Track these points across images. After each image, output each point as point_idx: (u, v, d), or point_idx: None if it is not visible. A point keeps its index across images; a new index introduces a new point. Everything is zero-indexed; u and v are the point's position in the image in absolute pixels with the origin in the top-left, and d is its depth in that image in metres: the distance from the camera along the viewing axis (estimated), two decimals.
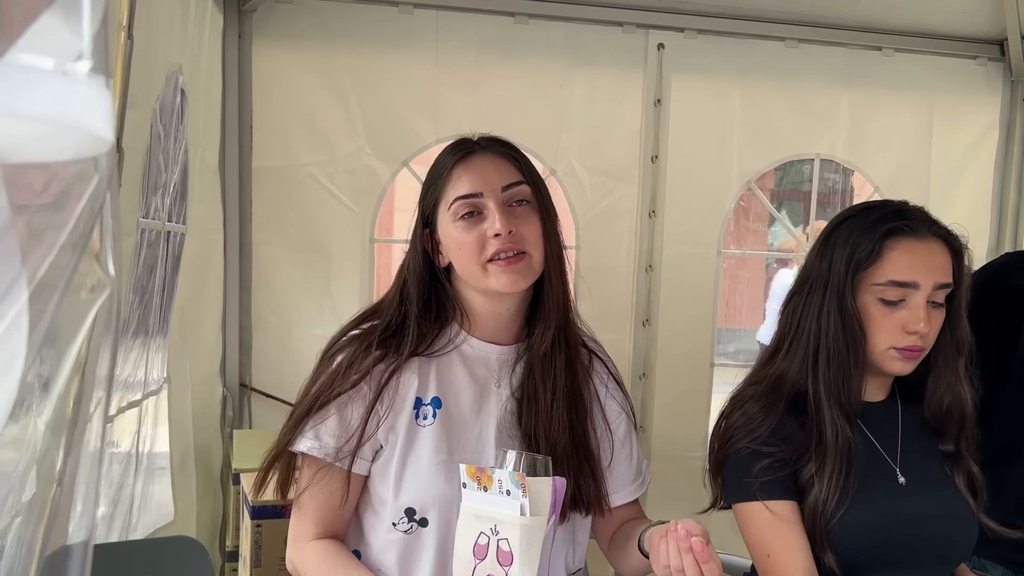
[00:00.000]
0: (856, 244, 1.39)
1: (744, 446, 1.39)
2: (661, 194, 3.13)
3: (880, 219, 1.40)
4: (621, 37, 3.07)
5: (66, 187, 0.30)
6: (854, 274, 1.38)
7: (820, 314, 1.40)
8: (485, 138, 1.41)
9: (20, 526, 0.43)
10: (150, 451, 2.42)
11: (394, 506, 1.32)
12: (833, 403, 1.38)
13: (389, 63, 2.94)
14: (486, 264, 1.31)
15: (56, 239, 0.30)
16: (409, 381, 1.35)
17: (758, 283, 11.97)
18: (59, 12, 0.29)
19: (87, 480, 0.39)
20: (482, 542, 1.10)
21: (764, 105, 3.19)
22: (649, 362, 3.18)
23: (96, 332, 0.33)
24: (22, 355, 0.30)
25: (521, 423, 1.36)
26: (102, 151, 0.31)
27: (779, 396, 1.42)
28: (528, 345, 1.41)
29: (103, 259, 0.32)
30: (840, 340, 1.38)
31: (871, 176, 3.30)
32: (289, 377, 2.82)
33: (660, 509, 2.92)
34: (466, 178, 1.34)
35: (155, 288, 2.34)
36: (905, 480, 1.42)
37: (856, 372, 1.39)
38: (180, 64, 2.25)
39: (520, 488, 1.05)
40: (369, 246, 2.97)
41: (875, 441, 1.44)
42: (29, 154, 0.29)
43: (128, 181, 1.74)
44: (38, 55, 0.29)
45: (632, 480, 1.48)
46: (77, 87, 0.30)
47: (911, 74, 3.26)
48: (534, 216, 1.35)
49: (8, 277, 0.28)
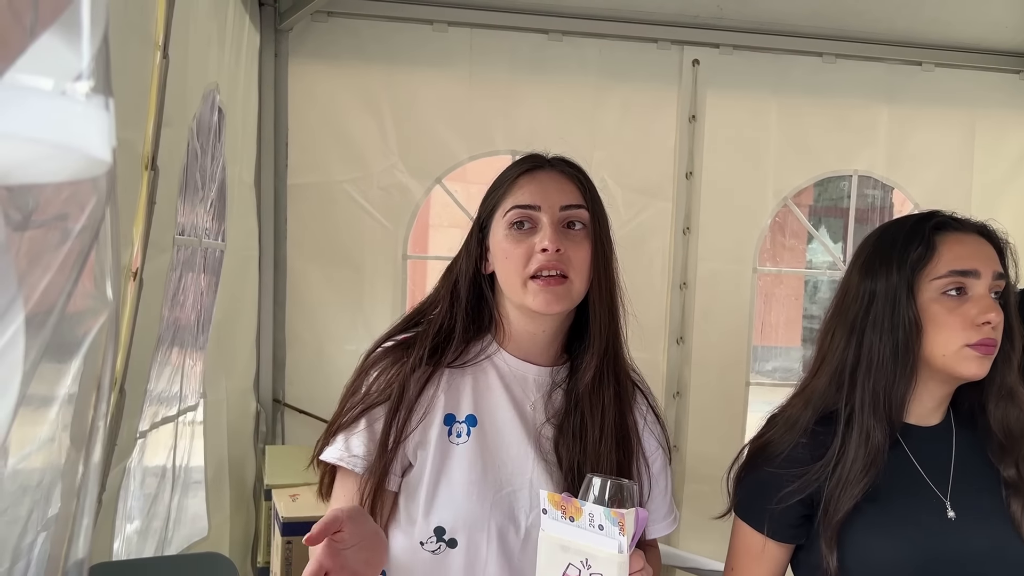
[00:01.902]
0: (904, 247, 1.32)
1: (765, 468, 1.35)
2: (695, 211, 3.11)
3: (921, 219, 1.35)
4: (655, 54, 3.06)
5: (64, 208, 0.30)
6: (911, 276, 1.31)
7: (864, 330, 1.33)
8: (557, 157, 1.40)
9: (45, 541, 0.43)
10: (186, 465, 2.44)
11: (423, 525, 1.30)
12: (868, 412, 1.30)
13: (423, 81, 2.96)
14: (527, 280, 1.29)
15: (53, 260, 0.30)
16: (438, 396, 1.34)
17: (795, 301, 11.83)
18: (59, 32, 0.29)
19: (90, 495, 0.39)
20: (571, 574, 1.10)
21: (801, 121, 3.16)
22: (683, 381, 3.14)
23: (92, 353, 0.33)
24: (19, 375, 0.30)
25: (558, 451, 1.34)
26: (101, 172, 0.31)
27: (807, 417, 1.36)
28: (569, 371, 1.39)
29: (101, 280, 0.32)
30: (890, 354, 1.30)
31: (911, 192, 3.25)
32: (322, 393, 2.84)
33: (694, 531, 2.90)
34: (528, 189, 1.33)
35: (191, 304, 2.37)
36: (955, 514, 1.31)
37: (902, 380, 1.30)
38: (217, 83, 2.28)
39: (617, 526, 1.05)
40: (402, 262, 2.98)
41: (921, 469, 1.34)
42: (27, 175, 0.29)
43: (163, 198, 1.76)
44: (37, 75, 0.29)
45: (664, 516, 1.45)
46: (76, 107, 0.30)
47: (952, 89, 3.21)
48: (586, 242, 1.32)
49: (5, 298, 0.28)
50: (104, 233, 0.31)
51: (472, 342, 1.37)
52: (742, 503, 1.40)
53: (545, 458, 1.33)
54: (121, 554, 1.93)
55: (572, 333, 1.40)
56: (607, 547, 1.06)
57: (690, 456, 3.11)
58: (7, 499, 0.39)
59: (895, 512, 1.30)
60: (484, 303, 1.38)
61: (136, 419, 1.82)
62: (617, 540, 1.05)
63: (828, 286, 12.09)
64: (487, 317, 1.38)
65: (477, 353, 1.37)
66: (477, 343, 1.38)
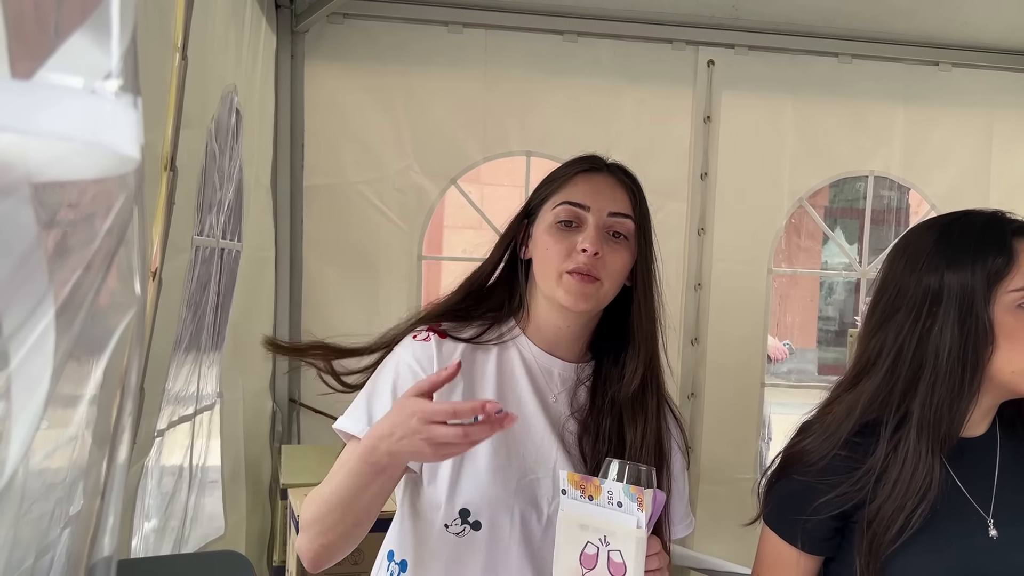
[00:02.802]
0: (981, 250, 1.22)
1: (798, 478, 1.29)
2: (710, 211, 3.10)
3: (995, 222, 1.26)
4: (670, 54, 3.06)
5: (92, 206, 0.31)
6: (988, 282, 1.21)
7: (929, 333, 1.23)
8: (616, 163, 1.43)
9: (68, 538, 0.44)
10: (203, 465, 2.46)
11: (448, 507, 1.31)
12: (925, 433, 1.21)
13: (438, 82, 2.97)
14: (563, 274, 1.30)
15: (82, 257, 0.30)
16: (458, 379, 1.33)
17: (811, 302, 11.78)
18: (88, 31, 0.29)
19: (116, 493, 0.40)
20: (590, 552, 1.10)
21: (817, 121, 3.14)
22: (698, 381, 3.14)
23: (118, 351, 0.33)
24: (48, 372, 0.31)
25: (582, 447, 1.35)
26: (129, 169, 0.31)
27: (848, 427, 1.27)
28: (593, 369, 1.40)
29: (128, 277, 0.32)
30: (957, 359, 1.21)
31: (927, 193, 3.23)
32: (338, 393, 2.85)
33: (709, 531, 2.90)
34: (582, 188, 1.35)
35: (208, 304, 2.38)
36: (997, 533, 1.23)
37: (968, 395, 1.22)
38: (235, 84, 2.30)
39: (636, 502, 1.06)
40: (417, 263, 2.99)
41: (961, 484, 1.26)
42: (56, 172, 0.30)
43: (183, 199, 1.77)
44: (67, 73, 0.29)
45: (681, 519, 1.45)
46: (105, 105, 0.30)
47: (969, 89, 3.19)
48: (626, 253, 1.34)
49: (35, 295, 0.29)
50: (132, 230, 0.31)
51: (496, 323, 1.39)
52: (773, 513, 1.34)
53: (569, 451, 1.34)
54: (139, 552, 1.95)
55: (597, 333, 1.41)
56: (626, 523, 1.07)
57: (704, 457, 3.10)
58: (31, 496, 0.40)
59: (933, 530, 1.23)
60: (516, 286, 1.40)
61: (154, 418, 1.84)
62: (636, 516, 1.06)
63: (844, 287, 12.04)
64: (516, 301, 1.40)
65: (501, 334, 1.38)
66: (501, 324, 1.39)
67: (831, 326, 12.24)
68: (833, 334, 12.02)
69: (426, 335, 1.37)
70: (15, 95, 0.27)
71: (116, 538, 0.41)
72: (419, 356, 1.34)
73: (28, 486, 0.38)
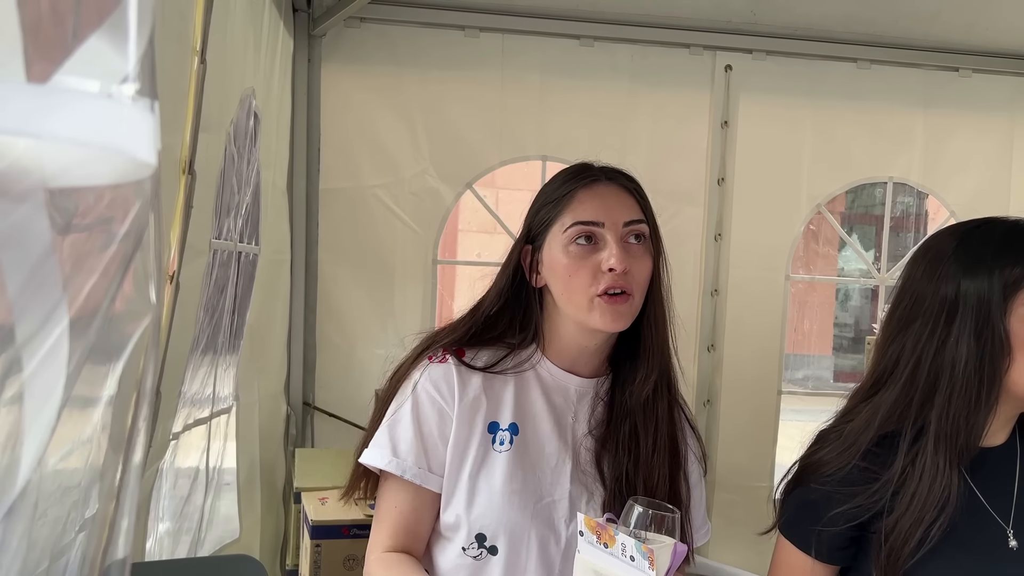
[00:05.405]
0: (1000, 258, 1.21)
1: (815, 488, 1.28)
2: (727, 217, 3.08)
3: (1013, 231, 1.24)
4: (688, 59, 3.04)
5: (108, 211, 0.30)
6: (1005, 292, 1.20)
7: (945, 344, 1.22)
8: (609, 168, 1.39)
9: (83, 541, 0.44)
10: (219, 467, 2.46)
11: (465, 531, 1.30)
12: (942, 446, 1.20)
13: (454, 86, 2.97)
14: (594, 298, 1.28)
15: (98, 263, 0.30)
16: (478, 401, 1.33)
17: (828, 308, 11.72)
18: (105, 34, 0.29)
19: (131, 496, 0.39)
20: None
21: (835, 127, 3.12)
22: (714, 388, 3.12)
23: (134, 356, 0.33)
24: (63, 379, 0.30)
25: (600, 464, 1.34)
26: (145, 175, 0.31)
27: (867, 438, 1.26)
28: (611, 382, 1.39)
29: (144, 284, 0.32)
30: (973, 371, 1.19)
31: (947, 200, 3.20)
32: (352, 397, 2.86)
33: (724, 539, 2.88)
34: (590, 204, 1.31)
35: (225, 307, 2.39)
36: (1018, 543, 1.23)
37: (985, 407, 1.20)
38: (253, 88, 2.30)
39: (647, 560, 1.05)
40: (432, 267, 2.99)
41: (981, 495, 1.25)
42: (72, 178, 0.29)
43: (201, 202, 1.77)
44: (83, 78, 0.29)
45: (698, 528, 1.44)
46: (122, 110, 0.30)
47: (990, 95, 3.16)
48: (647, 257, 1.32)
49: (51, 300, 0.28)
50: (148, 237, 0.31)
51: (516, 350, 1.37)
52: (789, 522, 1.34)
53: (584, 470, 1.33)
54: (154, 555, 1.95)
55: (617, 345, 1.39)
56: None
57: (720, 465, 3.08)
58: (46, 500, 0.40)
59: (952, 542, 1.21)
60: (528, 314, 1.37)
61: (170, 421, 1.84)
62: (646, 574, 1.05)
63: (860, 294, 11.97)
64: (532, 329, 1.37)
65: (520, 362, 1.36)
66: (521, 352, 1.37)
67: (847, 333, 12.17)
68: (849, 341, 11.96)
69: (443, 356, 1.35)
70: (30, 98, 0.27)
71: (131, 541, 0.41)
72: (436, 379, 1.33)
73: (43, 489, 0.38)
